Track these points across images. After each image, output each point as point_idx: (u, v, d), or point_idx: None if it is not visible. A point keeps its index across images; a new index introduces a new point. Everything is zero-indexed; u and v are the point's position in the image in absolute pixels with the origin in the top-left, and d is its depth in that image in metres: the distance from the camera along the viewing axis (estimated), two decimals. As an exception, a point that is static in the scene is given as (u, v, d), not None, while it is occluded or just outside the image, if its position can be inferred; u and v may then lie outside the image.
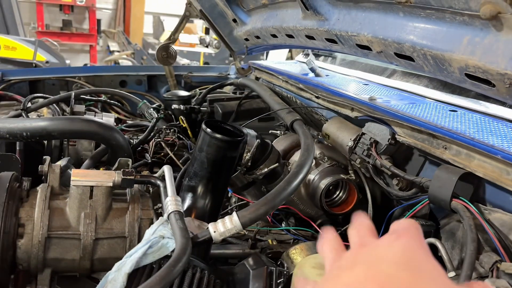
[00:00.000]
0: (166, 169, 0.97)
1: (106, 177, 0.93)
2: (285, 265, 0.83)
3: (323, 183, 1.31)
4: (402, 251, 0.37)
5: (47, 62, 5.48)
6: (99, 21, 8.38)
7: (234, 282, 0.80)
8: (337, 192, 1.39)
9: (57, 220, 0.89)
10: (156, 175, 1.00)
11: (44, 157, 0.99)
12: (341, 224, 1.34)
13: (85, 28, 8.54)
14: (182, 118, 1.88)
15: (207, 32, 6.69)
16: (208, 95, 2.05)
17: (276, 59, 5.29)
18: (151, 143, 1.67)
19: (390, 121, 1.12)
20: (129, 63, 5.23)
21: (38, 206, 0.88)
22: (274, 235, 1.28)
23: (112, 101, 2.07)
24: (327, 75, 1.67)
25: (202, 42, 6.17)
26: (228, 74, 2.52)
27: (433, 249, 0.92)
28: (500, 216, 0.86)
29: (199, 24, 7.41)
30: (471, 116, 1.08)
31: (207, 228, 0.83)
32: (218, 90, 2.22)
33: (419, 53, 0.93)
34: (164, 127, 1.77)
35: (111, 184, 0.93)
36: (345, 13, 1.17)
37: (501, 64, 0.74)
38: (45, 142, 1.57)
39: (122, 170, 0.95)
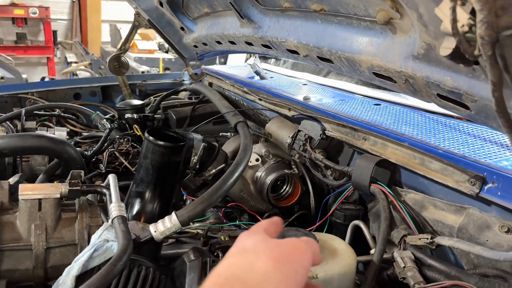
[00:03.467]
0: (111, 178, 1.03)
1: (53, 189, 0.98)
2: (221, 255, 0.91)
3: (269, 179, 1.40)
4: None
5: (2, 78, 5.35)
6: (55, 32, 8.22)
7: (175, 276, 0.87)
8: (284, 187, 1.48)
9: (8, 233, 0.94)
10: (103, 184, 1.06)
11: (-8, 175, 1.04)
12: (287, 217, 1.44)
13: (41, 40, 8.35)
14: (136, 126, 1.93)
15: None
16: (163, 102, 2.11)
17: (236, 62, 5.37)
18: (105, 153, 1.72)
19: (320, 118, 1.23)
20: (87, 74, 5.18)
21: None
22: (227, 231, 1.37)
23: (66, 115, 2.09)
24: (271, 77, 1.77)
25: (161, 47, 6.18)
26: (183, 80, 2.58)
27: (359, 230, 1.03)
28: (413, 196, 0.98)
29: (157, 30, 7.40)
30: (392, 108, 1.20)
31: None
32: (173, 96, 2.28)
33: (335, 56, 1.03)
34: (118, 136, 1.81)
35: (58, 196, 0.98)
36: (275, 21, 1.26)
37: (397, 63, 0.85)
38: (-2, 160, 1.59)
39: (68, 181, 1.00)
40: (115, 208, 0.91)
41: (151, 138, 1.10)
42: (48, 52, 8.22)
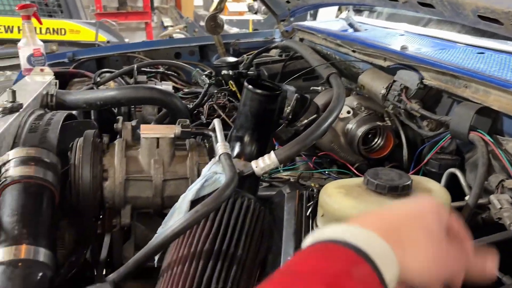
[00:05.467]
0: (216, 122, 1.14)
1: (169, 130, 1.12)
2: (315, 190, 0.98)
3: (360, 131, 1.43)
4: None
5: (108, 42, 5.85)
6: (152, -3, 8.66)
7: (273, 206, 0.96)
8: (375, 140, 1.50)
9: (133, 166, 1.11)
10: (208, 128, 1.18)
11: (118, 117, 1.21)
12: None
13: (140, 6, 8.87)
14: (232, 82, 2.05)
15: (255, -2, 6.74)
16: (255, 60, 2.19)
17: (325, 18, 5.26)
18: (205, 106, 1.86)
19: (418, 67, 1.20)
20: (182, 37, 5.46)
21: (117, 155, 1.10)
22: (317, 179, 1.43)
23: (169, 72, 2.28)
24: (366, 29, 1.74)
25: (250, 9, 6.24)
26: (274, 38, 2.63)
27: (454, 179, 1.02)
28: (516, 145, 0.94)
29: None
30: (497, 56, 1.14)
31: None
32: (264, 54, 2.35)
33: (438, 0, 1.00)
34: (216, 91, 1.95)
35: (173, 135, 1.12)
36: (372, -32, 1.24)
37: (505, 3, 0.81)
38: (115, 109, 1.81)
39: (180, 124, 1.14)
40: (221, 146, 1.02)
41: (250, 86, 1.18)
42: (146, 18, 8.73)
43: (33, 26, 2.14)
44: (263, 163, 0.96)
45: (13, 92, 1.33)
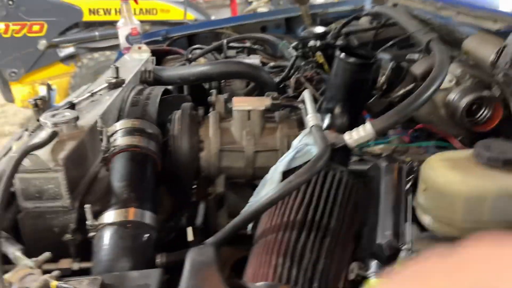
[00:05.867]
0: (306, 93, 1.12)
1: (260, 103, 1.13)
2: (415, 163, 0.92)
3: (464, 101, 1.30)
4: None
5: (195, 20, 6.05)
6: (236, -27, 8.70)
7: (367, 180, 0.93)
8: (481, 111, 1.36)
9: (226, 137, 1.14)
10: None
11: (211, 90, 1.24)
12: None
13: (220, -18, 8.97)
14: (319, 54, 1.99)
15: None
16: (344, 29, 2.10)
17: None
18: (292, 79, 1.84)
19: (537, 28, 1.06)
20: (266, 10, 5.44)
21: (211, 127, 1.14)
22: (413, 154, 1.35)
23: (256, 46, 2.29)
24: (469, -10, 1.57)
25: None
26: (363, 6, 2.50)
27: None
28: None
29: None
30: None
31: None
32: (353, 23, 2.24)
33: None
34: (303, 63, 1.91)
35: (263, 108, 1.13)
36: None
37: None
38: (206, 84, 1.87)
39: (270, 96, 1.14)
40: (312, 118, 1.00)
41: (342, 55, 1.13)
42: (231, -6, 8.82)
43: (130, 7, 2.28)
44: (357, 135, 0.92)
45: (117, 69, 1.43)
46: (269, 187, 0.94)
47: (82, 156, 0.99)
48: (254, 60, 1.86)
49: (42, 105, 1.42)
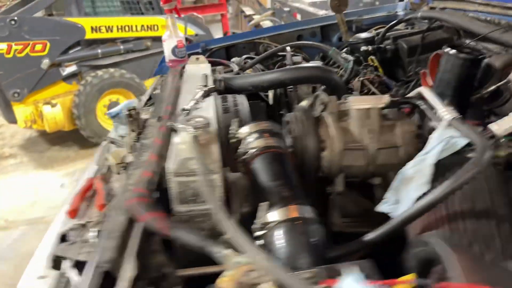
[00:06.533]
0: (423, 90, 1.15)
1: (377, 101, 1.15)
2: None
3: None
4: None
5: (196, 35, 6.08)
6: (226, -11, 8.82)
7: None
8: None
9: (347, 136, 1.15)
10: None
11: (318, 92, 1.26)
12: None
13: (215, -2, 9.06)
14: (372, 58, 2.04)
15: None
16: (391, 33, 2.16)
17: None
18: (355, 82, 1.88)
19: None
20: (270, 24, 5.52)
21: (332, 127, 1.15)
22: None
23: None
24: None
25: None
26: (396, 12, 2.58)
27: None
28: None
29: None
30: None
31: (483, 129, 1.00)
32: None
33: None
34: (361, 67, 1.95)
35: (382, 106, 1.15)
36: None
37: None
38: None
39: (389, 94, 1.16)
40: (447, 111, 1.03)
41: (453, 51, 1.17)
42: (221, 9, 8.90)
43: (175, 19, 2.28)
44: (507, 124, 0.95)
45: (206, 77, 1.43)
46: (420, 180, 0.96)
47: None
48: (316, 63, 1.89)
49: (136, 115, 1.41)
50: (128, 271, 0.71)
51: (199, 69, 1.84)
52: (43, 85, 5.13)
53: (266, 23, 5.48)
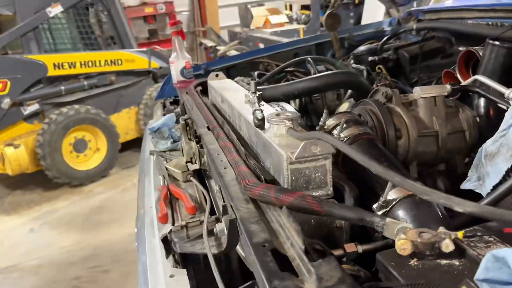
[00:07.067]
0: (481, 77, 1.25)
1: (442, 89, 1.23)
2: None
3: None
4: None
5: (160, 68, 6.07)
6: (180, 24, 8.94)
7: None
8: None
9: (419, 124, 1.22)
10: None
11: (376, 87, 1.32)
12: None
13: (168, 33, 9.15)
14: (380, 66, 2.18)
15: (290, 8, 6.97)
16: (392, 45, 2.32)
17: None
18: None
19: None
20: (236, 53, 5.65)
21: (405, 116, 1.21)
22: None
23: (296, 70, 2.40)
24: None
25: (290, 19, 6.44)
26: (383, 28, 2.77)
27: None
28: None
29: (281, 5, 7.69)
30: None
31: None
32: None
33: None
34: (374, 75, 2.07)
35: (446, 93, 1.23)
36: None
37: None
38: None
39: (448, 82, 1.25)
40: (515, 91, 1.12)
41: (497, 42, 1.29)
42: (177, 44, 8.97)
43: (182, 41, 2.29)
44: None
45: (255, 84, 1.44)
46: (507, 153, 1.02)
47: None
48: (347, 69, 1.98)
49: (192, 125, 1.40)
50: (298, 244, 0.70)
51: (226, 83, 1.85)
52: (3, 125, 4.82)
53: (233, 52, 5.60)
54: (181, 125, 1.34)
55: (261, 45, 5.83)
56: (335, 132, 1.09)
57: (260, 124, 1.09)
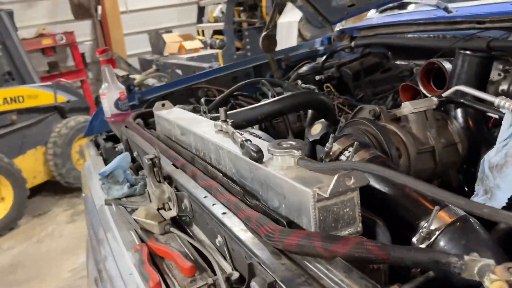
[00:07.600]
0: (464, 88, 1.23)
1: (429, 102, 1.19)
2: None
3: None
4: None
5: (68, 101, 5.53)
6: (83, 54, 8.37)
7: None
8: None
9: (415, 140, 1.15)
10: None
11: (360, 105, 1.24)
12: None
13: (71, 65, 8.51)
14: (328, 85, 2.14)
15: (203, 34, 6.89)
16: (333, 63, 2.32)
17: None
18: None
19: None
20: (154, 81, 5.37)
21: (401, 133, 1.13)
22: None
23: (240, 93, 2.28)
24: (456, 10, 1.94)
25: (205, 44, 6.35)
26: (316, 48, 2.78)
27: None
28: None
29: (192, 30, 7.55)
30: None
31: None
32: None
33: None
34: (326, 92, 2.02)
35: (435, 106, 1.19)
36: None
37: None
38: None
39: (434, 96, 1.21)
40: (505, 99, 1.11)
41: (469, 52, 1.29)
42: (81, 75, 8.33)
43: (113, 70, 2.03)
44: None
45: (224, 111, 1.28)
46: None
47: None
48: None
49: (159, 163, 1.18)
50: None
51: (178, 113, 1.64)
52: None
53: (150, 81, 5.31)
54: (147, 165, 1.12)
55: (179, 72, 5.63)
56: (343, 157, 0.97)
57: (259, 156, 0.93)
